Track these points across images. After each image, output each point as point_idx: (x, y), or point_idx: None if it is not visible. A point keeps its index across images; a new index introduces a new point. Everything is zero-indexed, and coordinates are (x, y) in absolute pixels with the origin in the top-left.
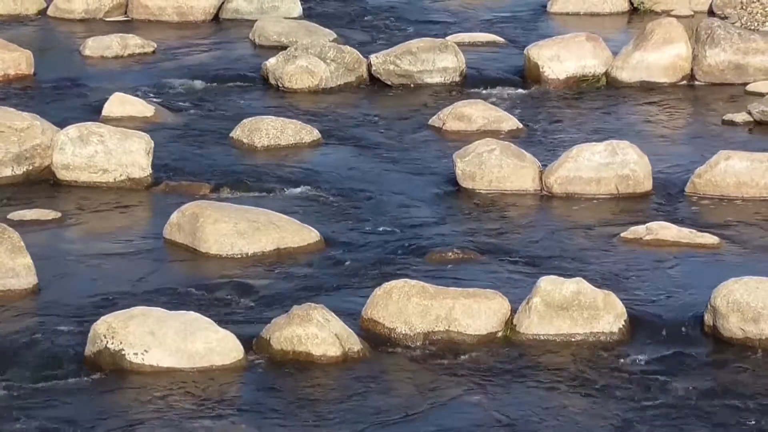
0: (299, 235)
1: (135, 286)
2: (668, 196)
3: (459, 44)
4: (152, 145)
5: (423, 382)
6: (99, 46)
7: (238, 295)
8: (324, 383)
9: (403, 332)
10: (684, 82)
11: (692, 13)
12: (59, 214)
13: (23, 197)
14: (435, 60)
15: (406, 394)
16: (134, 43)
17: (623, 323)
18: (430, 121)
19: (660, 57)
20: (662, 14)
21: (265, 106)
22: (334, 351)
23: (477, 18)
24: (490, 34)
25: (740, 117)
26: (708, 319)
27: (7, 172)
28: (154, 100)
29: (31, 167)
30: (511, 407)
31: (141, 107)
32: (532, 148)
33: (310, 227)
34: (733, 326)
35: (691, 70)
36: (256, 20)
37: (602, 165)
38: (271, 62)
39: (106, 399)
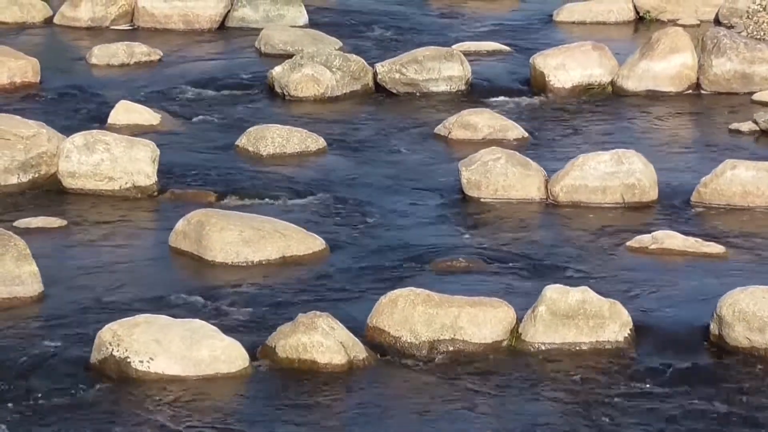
0: (304, 243)
1: (140, 294)
2: (674, 206)
3: (465, 53)
4: (158, 153)
5: (428, 390)
6: (105, 54)
7: (243, 303)
8: (329, 391)
9: (409, 340)
10: (690, 91)
11: (698, 22)
12: (65, 222)
13: (29, 205)
14: (441, 68)
15: (411, 402)
16: (140, 51)
17: (629, 332)
18: (436, 130)
19: (666, 66)
20: (668, 23)
21: (271, 115)
22: (339, 359)
23: (483, 26)
24: (495, 43)
25: (746, 126)
26: (714, 328)
27: (13, 179)
28: (160, 108)
29: (37, 175)
30: (516, 416)
31: (147, 115)
32: (538, 156)
33: (316, 235)
34: (739, 335)
35: (697, 79)
36: (261, 29)
37: (608, 174)
38: (277, 70)
39: (112, 406)
